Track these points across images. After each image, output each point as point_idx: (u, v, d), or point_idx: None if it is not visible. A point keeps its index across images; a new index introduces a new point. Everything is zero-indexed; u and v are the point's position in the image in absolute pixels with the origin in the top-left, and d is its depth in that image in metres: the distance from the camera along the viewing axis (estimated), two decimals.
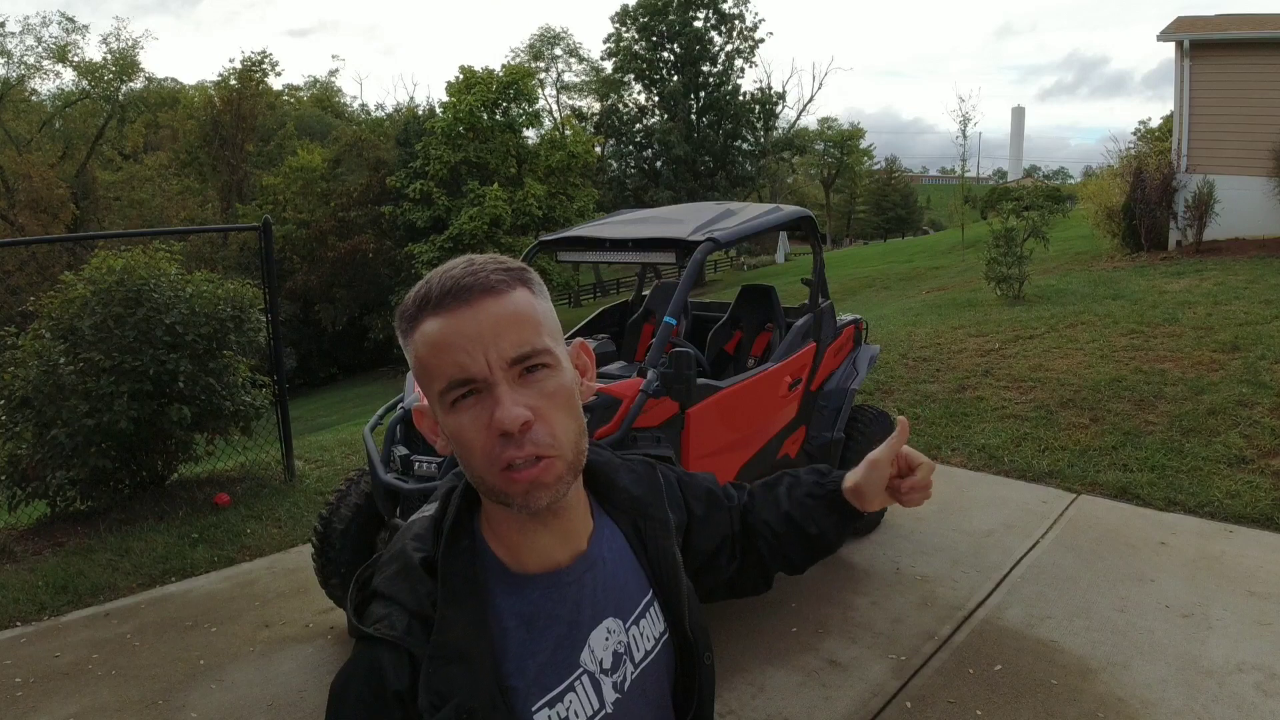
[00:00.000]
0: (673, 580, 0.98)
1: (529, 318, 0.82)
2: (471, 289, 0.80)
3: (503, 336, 0.79)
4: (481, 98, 27.39)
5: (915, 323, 9.39)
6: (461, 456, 0.83)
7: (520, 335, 0.80)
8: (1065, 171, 78.59)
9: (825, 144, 58.50)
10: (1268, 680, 2.98)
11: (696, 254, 3.49)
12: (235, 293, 5.30)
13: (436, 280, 0.82)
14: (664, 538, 1.00)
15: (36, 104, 30.41)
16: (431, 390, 0.82)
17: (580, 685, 0.88)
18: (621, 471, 1.02)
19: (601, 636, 0.91)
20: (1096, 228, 14.32)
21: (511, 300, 0.81)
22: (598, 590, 0.92)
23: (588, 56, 45.47)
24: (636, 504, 1.00)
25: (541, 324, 0.83)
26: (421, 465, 3.10)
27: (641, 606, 0.96)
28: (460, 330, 0.79)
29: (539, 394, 0.81)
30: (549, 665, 0.87)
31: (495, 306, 0.80)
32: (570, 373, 0.86)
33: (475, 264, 0.82)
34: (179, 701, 3.20)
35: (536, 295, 0.84)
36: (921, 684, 3.10)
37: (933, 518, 4.62)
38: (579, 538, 0.92)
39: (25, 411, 4.65)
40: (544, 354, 0.81)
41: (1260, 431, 5.25)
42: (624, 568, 0.96)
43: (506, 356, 0.79)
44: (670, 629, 0.98)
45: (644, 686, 0.94)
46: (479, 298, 0.80)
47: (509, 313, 0.80)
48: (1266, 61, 11.86)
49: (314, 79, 47.82)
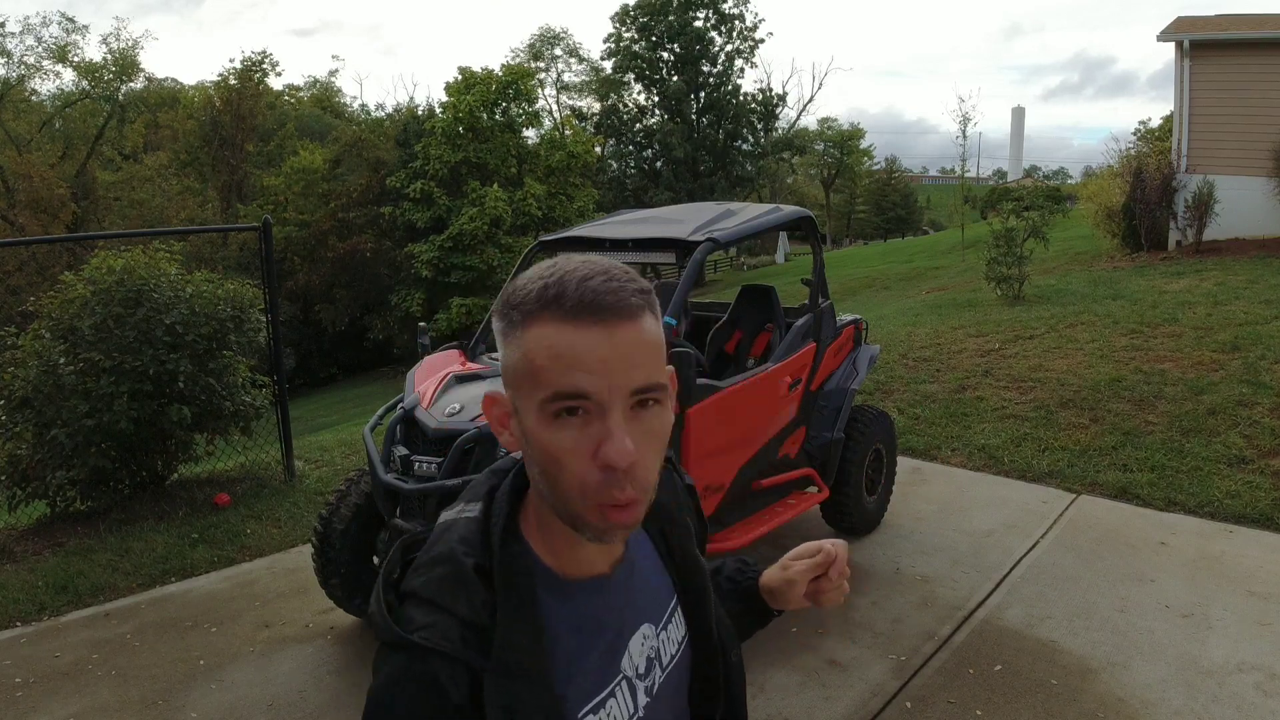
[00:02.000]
0: (699, 584, 0.98)
1: (655, 348, 0.77)
2: (611, 308, 0.75)
3: (635, 367, 0.75)
4: (481, 98, 27.38)
5: (915, 323, 9.39)
6: (546, 470, 0.79)
7: (649, 368, 0.76)
8: (1065, 171, 78.65)
9: (825, 144, 58.49)
10: (1268, 680, 2.98)
11: (696, 254, 3.49)
12: (235, 293, 5.30)
13: (572, 284, 0.75)
14: (687, 541, 1.00)
15: (36, 104, 30.38)
16: (530, 393, 0.77)
17: (620, 690, 0.88)
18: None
19: (639, 642, 0.91)
20: (1096, 228, 14.32)
21: (643, 326, 0.76)
22: (635, 596, 0.91)
23: (587, 56, 45.45)
24: (664, 510, 0.98)
25: (662, 355, 0.78)
26: (421, 465, 3.10)
27: (669, 611, 0.96)
28: (591, 349, 0.74)
29: (645, 432, 0.78)
30: (595, 672, 0.86)
31: (630, 331, 0.75)
32: (672, 411, 0.82)
33: (613, 278, 0.77)
34: (179, 701, 3.20)
35: (659, 321, 0.80)
36: (921, 684, 3.10)
37: (933, 518, 4.62)
38: (616, 547, 0.91)
39: (25, 411, 4.64)
40: (661, 390, 0.78)
41: (1260, 431, 5.25)
42: (654, 573, 0.96)
43: (630, 387, 0.75)
44: (692, 632, 0.98)
45: (667, 690, 0.94)
46: (617, 321, 0.75)
47: (641, 341, 0.76)
48: (1266, 61, 11.86)
49: (314, 79, 47.77)
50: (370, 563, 3.55)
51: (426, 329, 4.36)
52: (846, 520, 4.30)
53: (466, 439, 2.98)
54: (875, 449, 4.42)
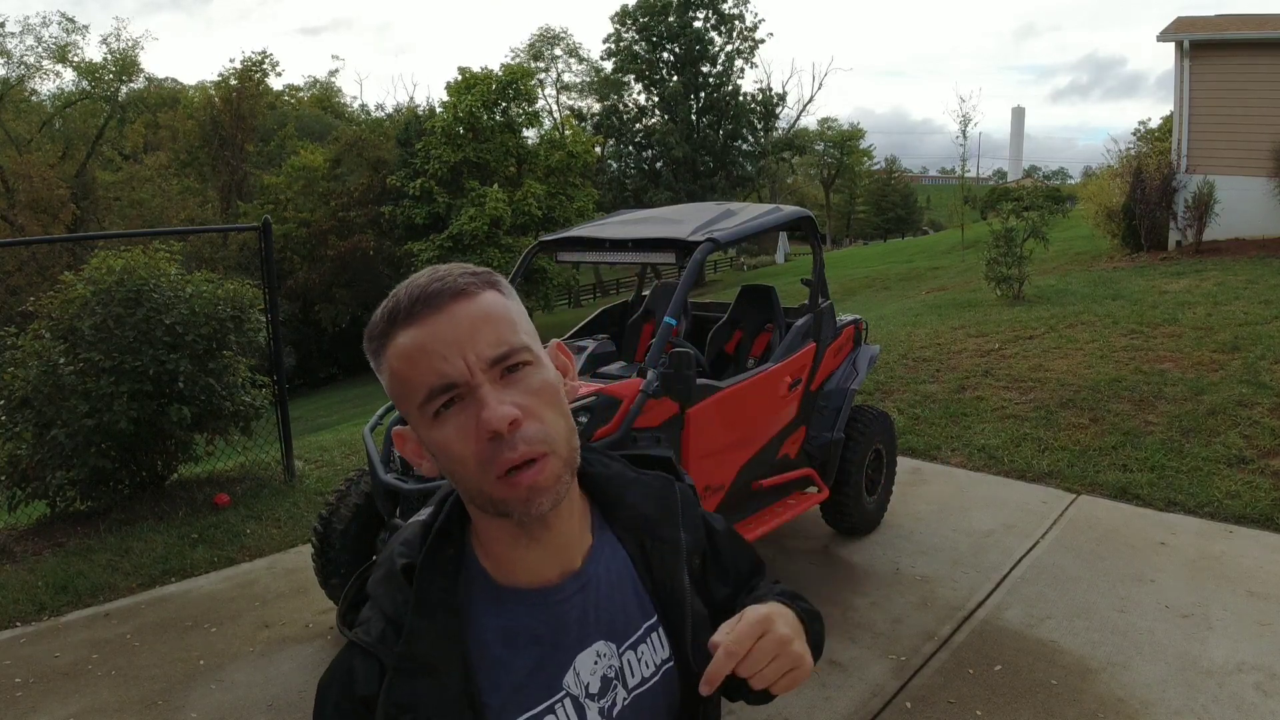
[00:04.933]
0: (677, 607, 0.92)
1: (503, 316, 0.80)
2: (441, 294, 0.78)
3: (479, 336, 0.77)
4: (481, 98, 27.38)
5: (915, 323, 9.39)
6: (452, 471, 0.80)
7: (497, 334, 0.78)
8: (1065, 172, 78.61)
9: (825, 144, 58.51)
10: (1268, 680, 2.98)
11: (696, 254, 3.49)
12: (235, 293, 5.30)
13: (404, 293, 0.79)
14: (672, 561, 0.94)
15: (36, 104, 30.38)
16: (411, 406, 0.79)
17: (561, 708, 0.85)
18: (632, 487, 0.95)
19: (590, 660, 0.87)
20: (1096, 228, 14.32)
21: (483, 301, 0.79)
22: (589, 611, 0.88)
23: (588, 57, 45.47)
24: (644, 523, 0.94)
25: (516, 322, 0.81)
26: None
27: (641, 631, 0.91)
28: (435, 335, 0.77)
29: (524, 391, 0.78)
30: (528, 685, 0.84)
31: (468, 308, 0.78)
32: (553, 370, 0.84)
33: (439, 271, 0.81)
34: (179, 701, 3.20)
35: (508, 297, 0.83)
36: (921, 684, 3.10)
37: (933, 518, 4.62)
38: (572, 555, 0.88)
39: (25, 411, 4.65)
40: (523, 351, 0.79)
41: (1260, 431, 5.25)
42: (623, 590, 0.91)
43: (486, 356, 0.77)
44: (675, 658, 0.92)
45: (636, 715, 0.89)
46: (449, 302, 0.78)
47: (482, 313, 0.79)
48: (1266, 61, 11.86)
49: (314, 79, 47.84)
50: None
51: None
52: (846, 520, 4.30)
53: None
54: (875, 449, 4.42)
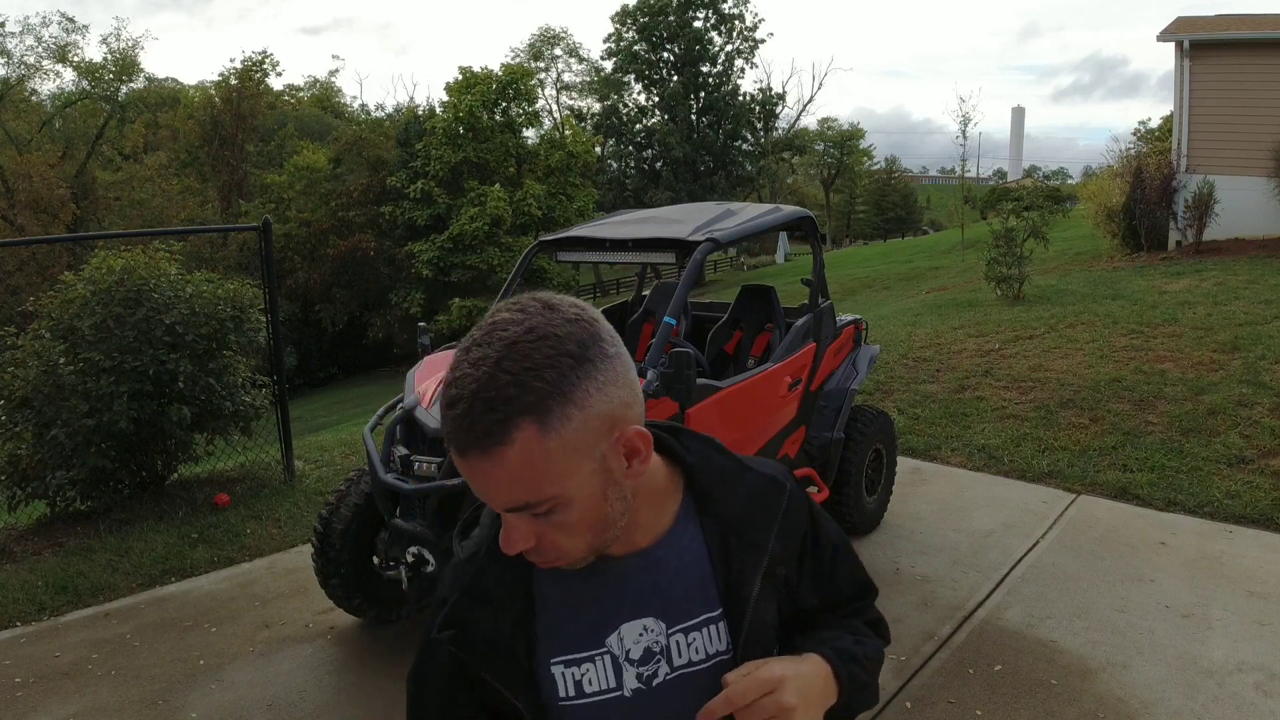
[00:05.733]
0: (740, 608, 0.94)
1: (524, 475, 0.77)
2: (467, 447, 0.77)
3: (497, 494, 0.79)
4: (482, 98, 27.38)
5: (915, 323, 9.39)
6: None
7: (513, 496, 0.79)
8: (1065, 172, 78.61)
9: (825, 144, 58.51)
10: (1268, 680, 2.98)
11: (696, 254, 3.49)
12: (235, 293, 5.30)
13: (443, 410, 0.78)
14: (750, 564, 0.95)
15: (36, 104, 30.39)
16: None
17: (601, 661, 0.92)
18: (729, 483, 0.97)
19: (635, 630, 0.93)
20: (1096, 228, 14.33)
21: (507, 458, 0.76)
22: (645, 589, 0.93)
23: (588, 56, 45.53)
24: (731, 520, 0.96)
25: (542, 473, 0.78)
26: (421, 465, 3.09)
27: (700, 620, 0.94)
28: (464, 473, 0.80)
29: (546, 524, 0.83)
30: (574, 633, 0.93)
31: (488, 467, 0.77)
32: (586, 496, 0.82)
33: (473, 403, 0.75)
34: (179, 701, 3.20)
35: (547, 426, 0.76)
36: (921, 684, 3.10)
37: (933, 518, 4.62)
38: (639, 536, 0.93)
39: (25, 411, 4.64)
40: (541, 504, 0.80)
41: (1260, 431, 5.25)
42: (690, 577, 0.94)
43: (500, 508, 0.82)
44: (732, 654, 0.95)
45: (677, 693, 0.93)
46: (472, 456, 0.77)
47: (502, 475, 0.77)
48: (1266, 61, 11.86)
49: (314, 79, 47.84)
50: (370, 563, 3.54)
51: (426, 329, 4.36)
52: (846, 520, 4.30)
53: None
54: (875, 449, 4.42)
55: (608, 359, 0.80)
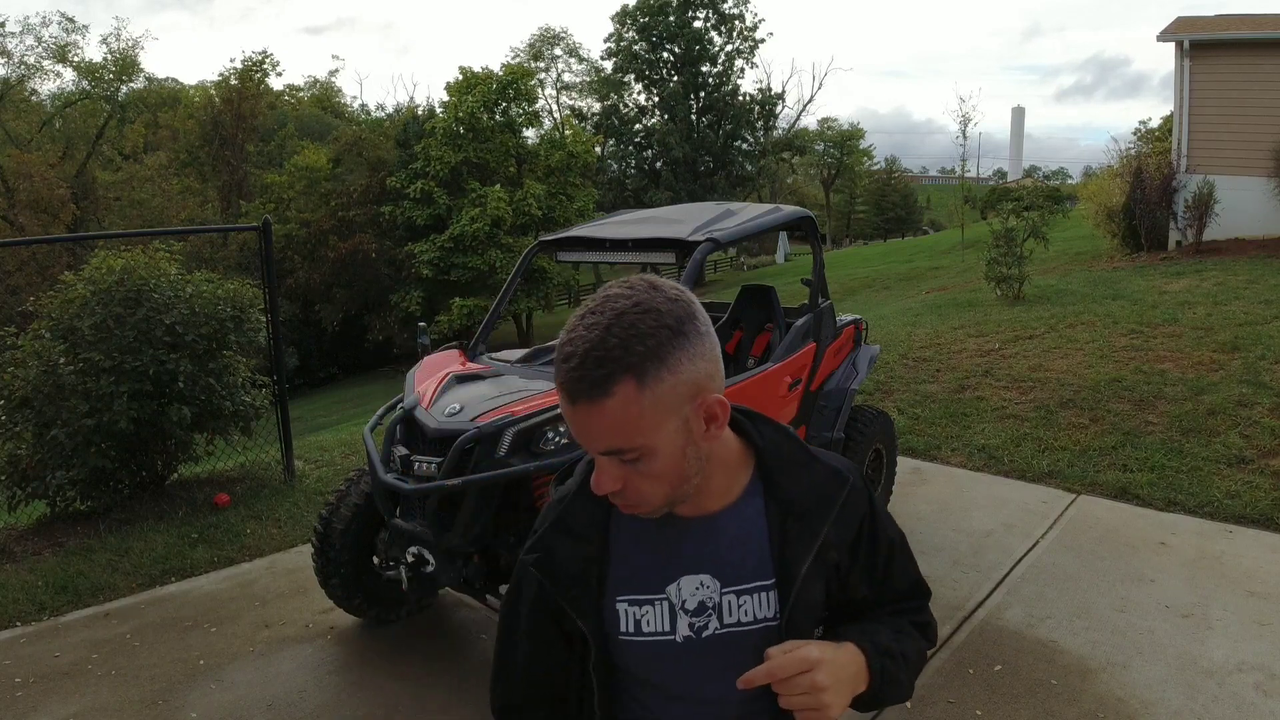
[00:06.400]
0: (789, 585, 1.03)
1: (620, 423, 0.90)
2: (576, 394, 0.89)
3: (596, 439, 0.92)
4: (482, 98, 27.36)
5: (915, 323, 9.39)
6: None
7: (609, 441, 0.91)
8: (1065, 172, 78.56)
9: (825, 144, 58.50)
10: (1268, 680, 2.98)
11: (696, 254, 3.49)
12: (235, 293, 5.30)
13: (560, 360, 0.90)
14: (803, 546, 1.03)
15: (36, 104, 30.34)
16: None
17: (659, 605, 1.04)
18: (795, 470, 1.07)
19: (693, 584, 1.04)
20: (1096, 228, 14.33)
21: (607, 408, 0.89)
22: (705, 548, 1.04)
23: (588, 56, 45.51)
24: (790, 504, 1.05)
25: (635, 423, 0.90)
26: (421, 465, 3.10)
27: (752, 586, 1.04)
28: (569, 418, 0.92)
29: (632, 470, 0.94)
30: (640, 577, 1.05)
31: (591, 413, 0.90)
32: (669, 450, 0.93)
33: (586, 357, 0.88)
34: (179, 701, 3.20)
35: (644, 383, 0.89)
36: (921, 684, 3.10)
37: (933, 518, 4.62)
38: (709, 502, 1.04)
39: (25, 411, 4.64)
40: (631, 451, 0.92)
41: (1260, 431, 5.25)
42: (745, 547, 1.04)
43: (597, 450, 0.94)
44: (779, 622, 1.04)
45: (723, 648, 1.03)
46: (580, 401, 0.89)
47: (603, 421, 0.90)
48: (1266, 61, 11.86)
49: (314, 79, 47.86)
50: (370, 563, 3.55)
51: (426, 329, 4.36)
52: None
53: (466, 439, 2.97)
54: (875, 449, 4.42)
55: (700, 335, 0.93)
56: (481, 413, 3.07)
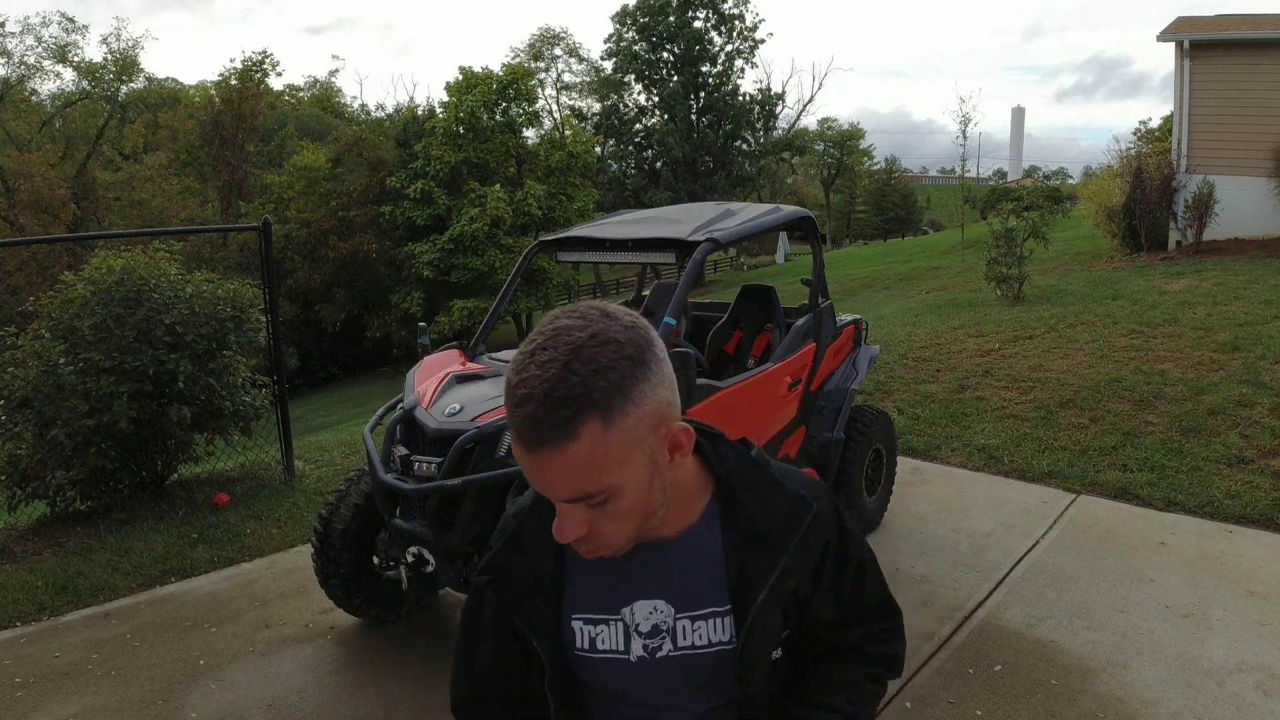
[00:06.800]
0: (744, 610, 1.01)
1: (586, 466, 0.85)
2: (534, 442, 0.84)
3: (559, 487, 0.87)
4: (482, 98, 27.36)
5: (915, 323, 9.39)
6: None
7: (575, 487, 0.87)
8: (1065, 172, 78.56)
9: (825, 144, 58.50)
10: (1268, 680, 2.98)
11: (696, 254, 3.49)
12: (235, 293, 5.30)
13: (512, 406, 0.85)
14: (761, 573, 1.00)
15: (36, 104, 30.35)
16: None
17: (613, 626, 1.03)
18: (756, 497, 1.03)
19: (646, 608, 1.02)
20: (1096, 228, 14.33)
21: (572, 452, 0.83)
22: (660, 574, 1.02)
23: (588, 57, 45.51)
24: (749, 528, 1.01)
25: (601, 464, 0.85)
26: (421, 465, 3.10)
27: (707, 611, 1.02)
28: (526, 466, 0.87)
29: (599, 513, 0.90)
30: (596, 600, 1.04)
31: (554, 459, 0.84)
32: (636, 486, 0.90)
33: (544, 400, 0.82)
34: (179, 701, 3.20)
35: (610, 421, 0.84)
36: (921, 684, 3.10)
37: (933, 518, 4.62)
38: (665, 528, 1.00)
39: (25, 411, 4.64)
40: (597, 495, 0.88)
41: (1260, 431, 5.25)
42: (702, 572, 1.02)
43: (558, 498, 0.89)
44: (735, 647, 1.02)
45: (677, 670, 1.03)
46: (542, 449, 0.84)
47: (567, 466, 0.85)
48: (1266, 61, 11.86)
49: (314, 79, 47.86)
50: (370, 563, 3.55)
51: (426, 329, 4.36)
52: None
53: (466, 439, 2.97)
54: (875, 449, 4.42)
55: (659, 361, 0.89)
56: (481, 413, 3.07)
